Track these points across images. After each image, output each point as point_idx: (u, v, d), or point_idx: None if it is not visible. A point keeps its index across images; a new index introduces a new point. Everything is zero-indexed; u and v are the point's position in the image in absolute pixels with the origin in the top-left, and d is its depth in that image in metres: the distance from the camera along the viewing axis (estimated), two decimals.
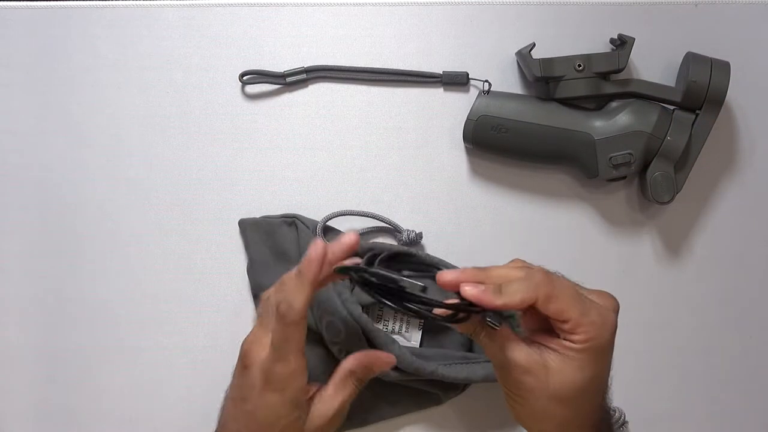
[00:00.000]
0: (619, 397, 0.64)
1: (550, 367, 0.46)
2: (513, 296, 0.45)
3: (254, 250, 0.64)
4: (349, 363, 0.51)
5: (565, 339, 0.46)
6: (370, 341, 0.58)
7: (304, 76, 0.65)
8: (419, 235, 0.64)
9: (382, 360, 0.52)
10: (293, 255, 0.62)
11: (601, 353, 0.47)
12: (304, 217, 0.63)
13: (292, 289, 0.48)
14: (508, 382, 0.48)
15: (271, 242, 0.63)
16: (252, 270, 0.64)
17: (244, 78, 0.65)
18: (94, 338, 0.65)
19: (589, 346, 0.46)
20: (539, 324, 0.48)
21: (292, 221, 0.63)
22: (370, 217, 0.64)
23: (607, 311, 0.47)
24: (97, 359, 0.65)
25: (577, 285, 0.48)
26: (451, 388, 0.62)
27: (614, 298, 0.49)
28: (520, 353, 0.46)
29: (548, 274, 0.47)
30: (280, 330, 0.48)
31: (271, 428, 0.49)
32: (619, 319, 0.65)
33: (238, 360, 0.51)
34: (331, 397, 0.51)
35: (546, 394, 0.46)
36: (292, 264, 0.62)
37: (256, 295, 0.64)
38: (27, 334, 0.65)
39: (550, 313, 0.45)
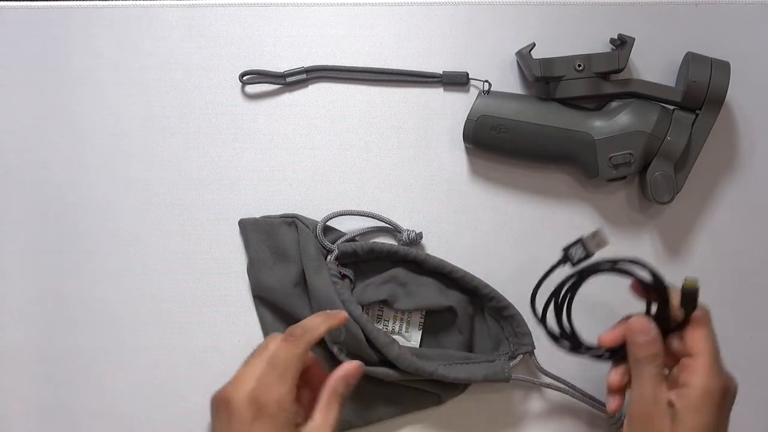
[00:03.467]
0: None
1: (674, 407, 0.49)
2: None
3: (254, 249, 0.64)
4: (329, 385, 0.51)
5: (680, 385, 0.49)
6: (369, 341, 0.58)
7: (304, 76, 0.65)
8: (419, 235, 0.64)
9: (353, 370, 0.53)
10: (293, 255, 0.62)
11: (700, 407, 0.48)
12: (304, 217, 0.63)
13: (316, 320, 0.53)
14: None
15: (271, 242, 0.63)
16: (252, 270, 0.64)
17: (244, 78, 0.65)
18: (94, 338, 0.65)
19: (690, 392, 0.48)
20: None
21: (291, 221, 0.63)
22: (370, 217, 0.64)
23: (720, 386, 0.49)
24: (97, 359, 0.65)
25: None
26: (451, 387, 0.62)
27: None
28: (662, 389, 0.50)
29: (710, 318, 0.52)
30: (285, 349, 0.50)
31: None
32: (618, 319, 0.65)
33: (217, 408, 0.50)
34: (321, 424, 0.50)
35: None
36: (293, 264, 0.62)
37: (257, 295, 0.64)
38: (27, 334, 0.65)
39: (690, 336, 0.50)
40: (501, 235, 0.66)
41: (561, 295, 0.53)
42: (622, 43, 0.62)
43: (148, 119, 0.66)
